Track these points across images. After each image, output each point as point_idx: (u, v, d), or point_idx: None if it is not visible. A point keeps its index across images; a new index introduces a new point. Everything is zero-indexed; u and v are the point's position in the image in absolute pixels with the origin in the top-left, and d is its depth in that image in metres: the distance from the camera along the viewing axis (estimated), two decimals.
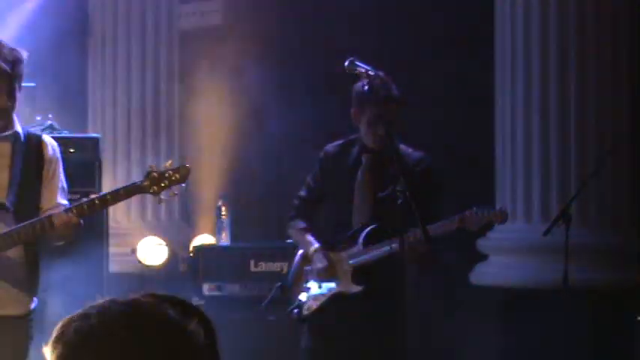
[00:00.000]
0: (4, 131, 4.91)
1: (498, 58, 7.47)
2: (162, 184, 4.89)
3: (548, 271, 6.38)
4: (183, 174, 4.93)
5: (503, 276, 7.06)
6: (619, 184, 7.03)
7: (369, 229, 5.57)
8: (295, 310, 5.59)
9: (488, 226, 5.47)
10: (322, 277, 5.65)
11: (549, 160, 7.07)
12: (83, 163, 6.70)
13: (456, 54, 8.14)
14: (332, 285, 5.61)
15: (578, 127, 7.03)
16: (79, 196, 6.56)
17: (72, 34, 8.98)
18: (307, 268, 5.76)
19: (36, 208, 4.91)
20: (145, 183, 4.88)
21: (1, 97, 4.84)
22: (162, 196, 4.91)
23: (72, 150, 6.55)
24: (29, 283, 4.92)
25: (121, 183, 7.98)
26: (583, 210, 6.55)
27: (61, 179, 5.04)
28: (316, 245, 5.69)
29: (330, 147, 5.86)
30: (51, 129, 6.65)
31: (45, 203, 4.94)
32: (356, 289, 5.52)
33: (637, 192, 7.09)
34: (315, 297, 5.64)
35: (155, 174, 4.87)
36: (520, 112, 7.18)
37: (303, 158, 6.66)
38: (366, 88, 5.31)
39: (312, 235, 5.78)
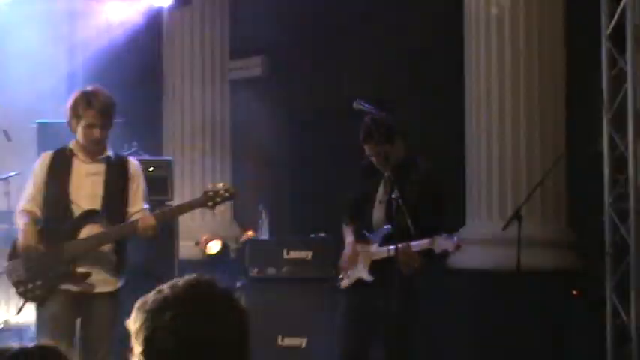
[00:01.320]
0: (100, 155, 4.92)
1: (467, 86, 7.30)
2: (216, 200, 4.94)
3: (505, 257, 6.26)
4: (232, 193, 4.98)
5: (472, 261, 6.98)
6: (559, 191, 7.00)
7: (386, 230, 5.39)
8: (337, 284, 5.62)
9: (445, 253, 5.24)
10: (348, 263, 5.57)
11: (505, 173, 7.01)
12: (159, 179, 6.70)
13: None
14: (357, 271, 5.51)
15: (527, 146, 6.98)
16: (156, 203, 6.59)
17: (147, 74, 8.96)
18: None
19: (124, 213, 4.91)
20: (204, 199, 4.95)
21: (101, 132, 4.88)
22: (215, 211, 4.98)
23: (151, 169, 6.57)
24: (118, 268, 4.95)
25: (187, 193, 8.02)
26: (531, 210, 6.48)
27: (144, 189, 5.03)
28: (349, 239, 5.61)
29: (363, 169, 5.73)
30: (136, 153, 6.66)
31: (132, 208, 4.94)
32: (369, 278, 5.40)
33: (571, 197, 7.06)
34: (348, 277, 5.59)
35: (211, 193, 4.93)
36: (484, 137, 7.15)
37: (319, 177, 6.66)
38: (361, 130, 5.34)
39: (351, 231, 5.66)
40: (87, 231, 4.84)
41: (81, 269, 4.81)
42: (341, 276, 5.62)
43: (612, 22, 6.05)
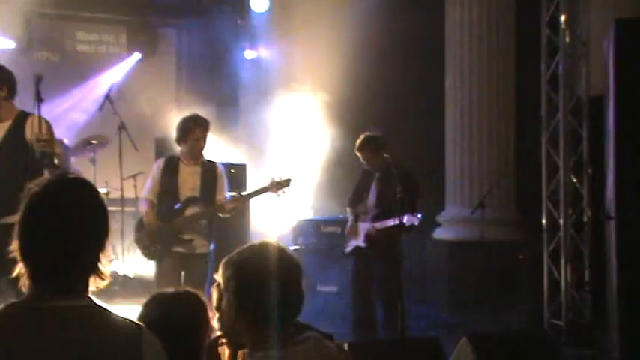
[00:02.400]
0: (198, 160, 4.92)
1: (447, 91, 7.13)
2: (279, 187, 4.90)
3: (473, 232, 6.28)
4: (288, 183, 4.95)
5: (449, 234, 7.01)
6: (510, 187, 6.97)
7: (376, 212, 5.40)
8: (344, 250, 5.61)
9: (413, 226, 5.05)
10: (350, 234, 5.57)
11: (473, 173, 6.97)
12: (237, 177, 6.74)
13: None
14: (356, 240, 5.52)
15: (488, 155, 6.94)
16: (235, 193, 6.63)
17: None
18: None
19: (213, 199, 4.86)
20: (269, 186, 4.90)
21: (204, 144, 4.89)
22: (278, 194, 4.91)
23: (232, 170, 6.63)
24: (209, 236, 4.89)
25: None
26: (491, 200, 6.36)
27: (226, 184, 5.00)
28: (351, 217, 5.62)
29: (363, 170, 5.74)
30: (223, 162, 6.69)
31: (219, 196, 4.88)
32: (364, 244, 5.40)
33: (519, 191, 7.02)
34: (350, 245, 5.61)
35: (275, 182, 4.89)
36: (457, 147, 7.10)
37: (346, 171, 6.61)
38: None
39: (353, 213, 5.66)
40: (190, 211, 4.82)
41: (186, 236, 4.80)
42: (345, 244, 5.63)
43: (549, 71, 6.02)
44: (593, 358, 5.30)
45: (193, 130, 4.81)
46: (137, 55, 8.36)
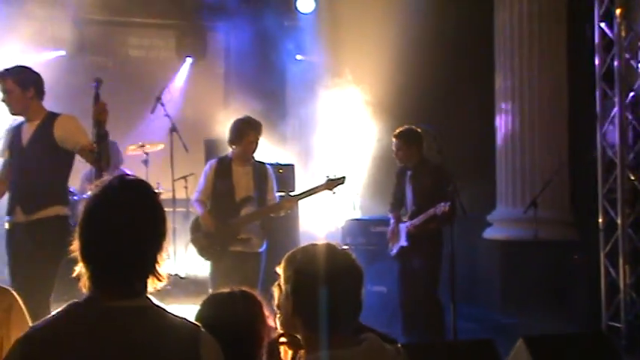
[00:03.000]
0: (250, 161, 4.94)
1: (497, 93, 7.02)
2: (334, 185, 4.89)
3: (525, 231, 6.16)
4: (343, 180, 4.93)
5: (500, 233, 6.87)
6: (564, 185, 6.78)
7: (413, 209, 5.37)
8: (390, 253, 5.58)
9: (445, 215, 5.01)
10: (392, 237, 5.56)
11: (525, 172, 6.82)
12: (286, 177, 6.75)
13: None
14: (400, 242, 5.48)
15: (540, 153, 6.78)
16: (284, 193, 6.63)
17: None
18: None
19: (265, 199, 4.89)
20: (325, 184, 4.90)
21: (256, 147, 4.93)
22: (334, 191, 4.91)
23: (281, 170, 6.65)
24: (263, 236, 4.93)
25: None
26: (544, 199, 6.24)
27: (275, 184, 5.02)
28: (392, 221, 5.60)
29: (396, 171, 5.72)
30: (271, 162, 6.73)
31: (269, 196, 4.91)
32: (405, 243, 5.37)
33: (573, 189, 6.83)
34: (395, 247, 5.56)
35: (330, 179, 4.90)
36: (509, 146, 6.96)
37: (390, 173, 6.57)
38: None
39: (394, 217, 5.64)
40: (245, 210, 4.86)
41: (243, 236, 4.82)
42: (390, 247, 5.59)
43: (604, 65, 5.85)
44: None
45: (248, 133, 4.86)
46: (189, 60, 8.47)
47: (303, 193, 4.97)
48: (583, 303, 5.99)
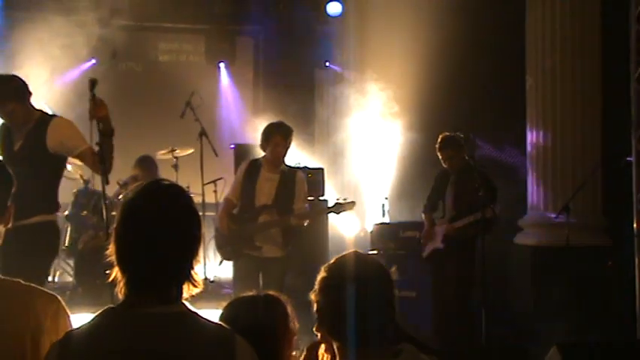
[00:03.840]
0: (279, 167, 4.95)
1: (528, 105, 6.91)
2: (341, 209, 4.96)
3: (557, 236, 6.04)
4: (353, 205, 4.99)
5: (531, 238, 6.77)
6: (596, 190, 6.67)
7: (454, 213, 5.41)
8: (422, 255, 5.59)
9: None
10: (427, 239, 5.57)
11: (557, 176, 6.72)
12: (315, 181, 6.76)
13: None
14: (433, 243, 5.48)
15: (573, 158, 6.66)
16: (313, 198, 6.63)
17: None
18: None
19: (290, 208, 4.89)
20: (333, 208, 5.00)
21: (284, 151, 4.95)
22: (339, 213, 4.96)
23: (310, 175, 6.66)
24: (283, 244, 4.93)
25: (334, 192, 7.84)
26: (576, 204, 6.14)
27: (304, 193, 5.03)
28: (427, 223, 5.65)
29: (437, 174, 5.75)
30: (300, 166, 6.75)
31: (296, 205, 4.92)
32: (441, 246, 5.38)
33: (603, 194, 6.72)
34: (428, 249, 5.55)
35: (337, 204, 4.99)
36: (541, 151, 6.85)
37: (419, 178, 6.56)
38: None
39: (428, 219, 5.69)
40: (263, 218, 4.87)
41: (257, 243, 4.86)
42: (423, 248, 5.59)
43: (639, 69, 5.74)
44: None
45: (274, 135, 4.87)
46: (222, 65, 8.53)
47: (310, 212, 5.06)
48: (617, 310, 5.89)
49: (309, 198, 6.50)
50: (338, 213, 4.94)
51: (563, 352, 3.25)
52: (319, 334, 1.92)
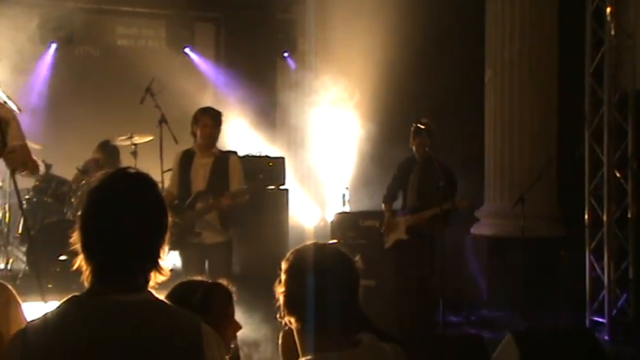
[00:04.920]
0: (211, 150, 4.94)
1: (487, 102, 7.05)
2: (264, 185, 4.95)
3: (513, 227, 6.18)
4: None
5: (488, 230, 6.93)
6: (551, 181, 6.83)
7: (416, 204, 5.46)
8: (384, 246, 5.63)
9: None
10: (388, 229, 5.61)
11: (514, 168, 6.85)
12: (276, 170, 6.72)
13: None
14: (396, 234, 5.54)
15: (529, 150, 6.81)
16: (274, 187, 6.56)
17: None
18: None
19: (224, 191, 4.84)
20: (259, 184, 5.04)
21: (217, 132, 4.92)
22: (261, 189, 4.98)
23: (271, 164, 6.62)
24: (223, 228, 4.93)
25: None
26: (532, 195, 6.25)
27: (240, 174, 4.97)
28: (388, 213, 5.66)
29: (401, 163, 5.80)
30: (261, 155, 6.69)
31: (232, 188, 4.88)
32: (405, 237, 5.43)
33: (559, 186, 6.90)
34: (391, 239, 5.61)
35: (260, 179, 5.06)
36: (498, 143, 7.00)
37: (380, 168, 6.58)
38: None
39: (389, 210, 5.73)
40: (200, 204, 4.85)
41: (197, 230, 4.85)
42: (385, 239, 5.62)
43: (593, 64, 5.92)
44: (636, 357, 5.22)
45: (202, 116, 4.88)
46: (187, 50, 8.40)
47: (240, 190, 4.93)
48: (568, 298, 6.07)
49: (270, 187, 6.51)
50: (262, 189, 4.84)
51: (518, 340, 3.35)
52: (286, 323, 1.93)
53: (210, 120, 4.85)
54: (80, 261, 1.60)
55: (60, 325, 1.52)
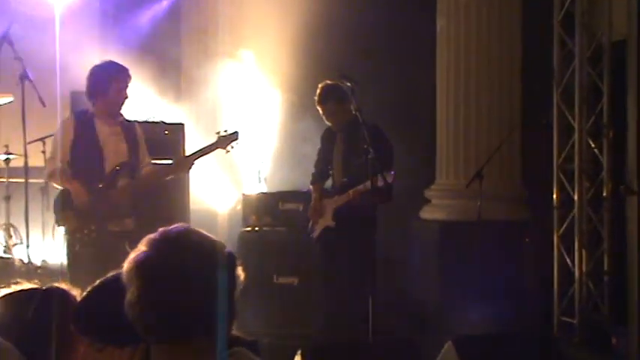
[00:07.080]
0: (118, 119, 4.93)
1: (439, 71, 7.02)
2: (227, 142, 4.94)
3: (468, 210, 6.20)
4: (236, 136, 4.96)
5: (439, 213, 6.89)
6: (514, 155, 6.84)
7: (343, 182, 5.43)
8: (310, 235, 5.60)
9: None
10: (315, 215, 5.59)
11: (470, 138, 6.83)
12: (174, 139, 6.57)
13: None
14: (323, 220, 5.51)
15: (489, 116, 6.79)
16: (172, 160, 6.40)
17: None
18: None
19: (139, 165, 4.97)
20: (217, 142, 4.94)
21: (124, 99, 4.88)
22: (227, 150, 4.95)
23: (167, 132, 6.51)
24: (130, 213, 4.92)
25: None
26: (491, 170, 6.24)
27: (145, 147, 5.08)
28: (314, 195, 5.65)
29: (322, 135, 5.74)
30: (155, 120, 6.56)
31: (145, 162, 5.02)
32: (332, 223, 5.42)
33: (524, 159, 6.91)
34: (318, 226, 5.57)
35: (221, 136, 4.94)
36: (451, 109, 6.95)
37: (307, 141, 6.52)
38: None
39: (316, 189, 5.69)
40: (123, 180, 4.85)
41: (122, 211, 4.83)
42: (311, 226, 5.63)
43: (562, 10, 5.94)
44: None
45: (116, 78, 4.78)
46: None
47: (195, 153, 4.95)
48: (532, 294, 6.12)
49: (168, 161, 6.31)
50: (225, 148, 4.91)
51: (460, 347, 3.32)
52: None
53: (125, 83, 4.83)
54: None
55: None
